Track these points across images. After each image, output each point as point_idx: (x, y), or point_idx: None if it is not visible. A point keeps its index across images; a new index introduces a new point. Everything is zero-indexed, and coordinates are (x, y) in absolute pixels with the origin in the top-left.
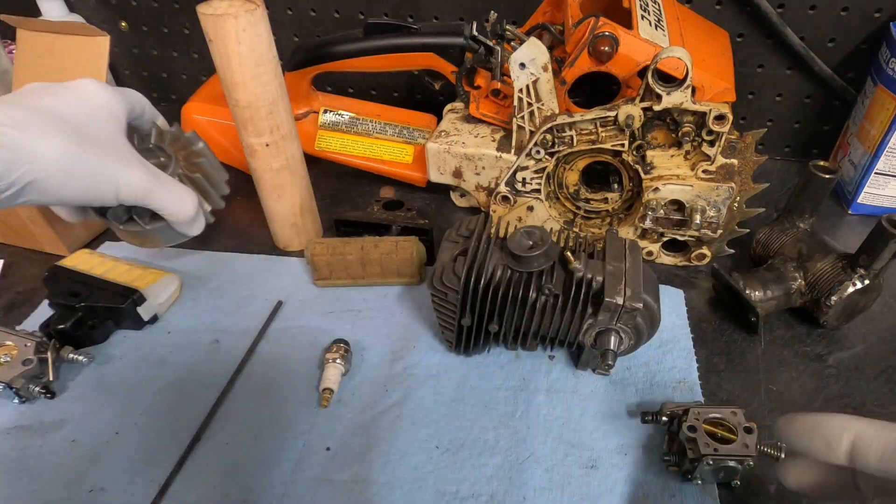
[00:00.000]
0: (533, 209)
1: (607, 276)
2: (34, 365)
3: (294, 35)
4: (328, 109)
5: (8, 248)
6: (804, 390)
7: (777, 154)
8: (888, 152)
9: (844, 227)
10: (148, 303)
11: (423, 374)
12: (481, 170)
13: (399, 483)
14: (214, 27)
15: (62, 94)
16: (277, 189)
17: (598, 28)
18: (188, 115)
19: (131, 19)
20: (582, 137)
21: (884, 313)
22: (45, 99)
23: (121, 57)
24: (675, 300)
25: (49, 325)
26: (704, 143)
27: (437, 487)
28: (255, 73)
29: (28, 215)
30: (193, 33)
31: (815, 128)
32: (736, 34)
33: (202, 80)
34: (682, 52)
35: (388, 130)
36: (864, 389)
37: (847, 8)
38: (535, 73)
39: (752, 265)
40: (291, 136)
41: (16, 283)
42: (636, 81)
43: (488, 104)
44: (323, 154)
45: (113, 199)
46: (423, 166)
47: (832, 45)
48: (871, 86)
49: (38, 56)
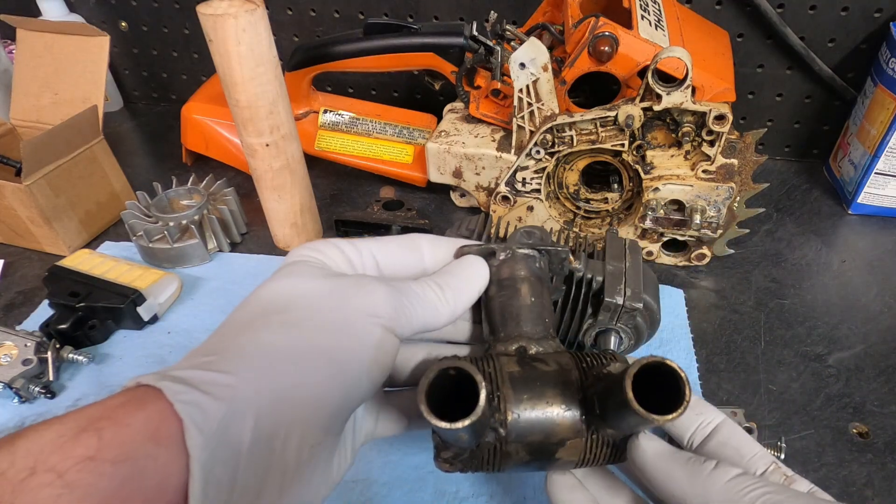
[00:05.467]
0: (533, 209)
1: (607, 276)
2: (34, 365)
3: (294, 35)
4: (328, 109)
5: (8, 248)
6: (804, 390)
7: (777, 154)
8: (888, 152)
9: (844, 227)
10: (148, 303)
11: None
12: (481, 170)
13: (399, 483)
14: (214, 27)
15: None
16: (277, 189)
17: (598, 28)
18: (188, 115)
19: (131, 19)
20: (582, 137)
21: (884, 313)
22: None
23: (121, 57)
24: (675, 300)
25: (49, 325)
26: (704, 143)
27: (437, 487)
28: (254, 73)
29: (28, 215)
30: (193, 33)
31: (815, 128)
32: (736, 34)
33: (202, 80)
34: (682, 52)
35: (388, 130)
36: (864, 389)
37: (847, 8)
38: (535, 73)
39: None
40: (291, 136)
41: (16, 283)
42: (636, 81)
43: (488, 104)
44: (323, 154)
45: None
46: (423, 166)
47: (832, 45)
48: (871, 86)
49: (38, 56)
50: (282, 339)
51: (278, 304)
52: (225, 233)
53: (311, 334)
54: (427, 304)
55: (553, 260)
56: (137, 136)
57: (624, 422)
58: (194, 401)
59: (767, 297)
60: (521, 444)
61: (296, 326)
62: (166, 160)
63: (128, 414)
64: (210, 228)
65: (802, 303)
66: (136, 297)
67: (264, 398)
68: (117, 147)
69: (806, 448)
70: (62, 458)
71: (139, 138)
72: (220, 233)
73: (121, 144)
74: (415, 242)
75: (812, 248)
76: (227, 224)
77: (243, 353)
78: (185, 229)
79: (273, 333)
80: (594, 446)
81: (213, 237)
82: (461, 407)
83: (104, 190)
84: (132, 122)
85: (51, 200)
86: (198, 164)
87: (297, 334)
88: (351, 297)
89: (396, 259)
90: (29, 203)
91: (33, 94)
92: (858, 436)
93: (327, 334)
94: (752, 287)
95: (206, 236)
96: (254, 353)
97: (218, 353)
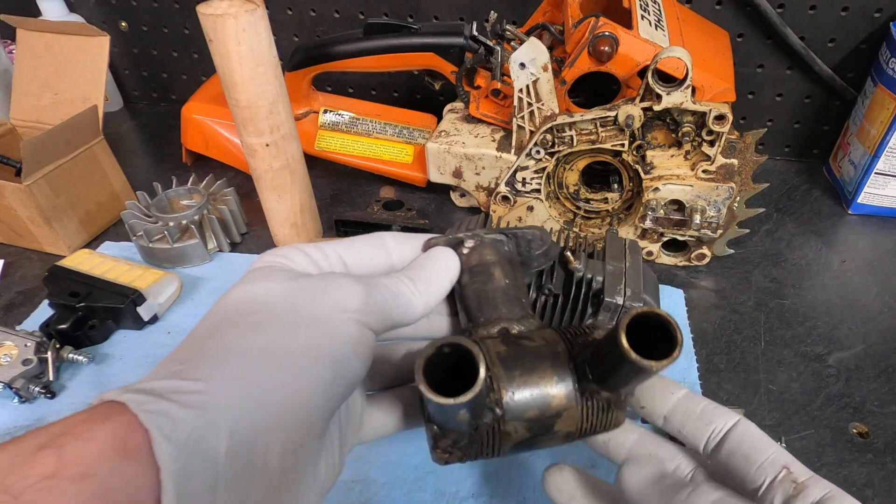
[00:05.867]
0: (533, 209)
1: (607, 276)
2: (34, 365)
3: (294, 35)
4: (328, 109)
5: (8, 248)
6: (804, 390)
7: (777, 154)
8: (888, 152)
9: (844, 227)
10: (148, 303)
11: None
12: (481, 170)
13: (399, 483)
14: (214, 27)
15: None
16: (277, 189)
17: (598, 28)
18: (188, 115)
19: (131, 19)
20: (582, 137)
21: (884, 313)
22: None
23: (121, 57)
24: (675, 300)
25: (49, 325)
26: (704, 143)
27: (437, 487)
28: (254, 73)
29: (28, 215)
30: (193, 33)
31: (815, 128)
32: (736, 34)
33: (202, 80)
34: (682, 52)
35: (388, 130)
36: (864, 389)
37: (847, 8)
38: (535, 73)
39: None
40: (291, 136)
41: (16, 283)
42: (636, 81)
43: (488, 104)
44: (323, 154)
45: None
46: (423, 166)
47: (832, 45)
48: (871, 86)
49: (38, 56)
50: (252, 342)
51: (246, 307)
52: (225, 233)
53: (283, 334)
54: (399, 296)
55: (521, 243)
56: (137, 136)
57: (620, 378)
58: (161, 410)
59: (767, 297)
60: (518, 421)
61: (266, 328)
62: (166, 160)
63: (91, 429)
64: (210, 228)
65: (802, 303)
66: (136, 297)
67: (238, 403)
68: (117, 147)
69: (806, 448)
70: (19, 479)
71: (139, 138)
72: (220, 233)
73: (121, 144)
74: (381, 240)
75: (812, 248)
76: (227, 224)
77: (213, 359)
78: (185, 229)
79: (243, 337)
80: (590, 413)
81: (213, 237)
82: (458, 387)
83: (104, 190)
84: (132, 122)
85: (51, 200)
86: (198, 164)
87: (267, 335)
88: (320, 294)
89: (363, 257)
90: (29, 203)
91: (33, 94)
92: (858, 436)
93: (299, 333)
94: (752, 287)
95: (206, 236)
96: (224, 358)
97: (186, 361)
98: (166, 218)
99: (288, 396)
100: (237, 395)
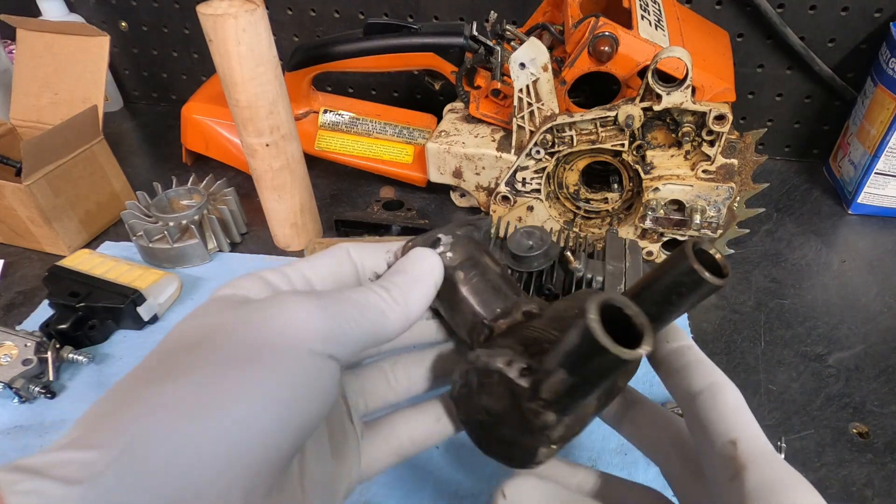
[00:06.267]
0: (533, 209)
1: (607, 276)
2: (34, 365)
3: (294, 35)
4: (328, 109)
5: (8, 248)
6: (804, 390)
7: (777, 154)
8: (888, 152)
9: (844, 227)
10: (148, 303)
11: None
12: (481, 170)
13: (399, 483)
14: (214, 27)
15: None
16: (277, 189)
17: (598, 28)
18: (188, 115)
19: (131, 19)
20: (582, 137)
21: (884, 313)
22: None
23: (121, 57)
24: None
25: (49, 325)
26: (704, 143)
27: (437, 487)
28: (254, 73)
29: (28, 215)
30: (193, 33)
31: (815, 128)
32: (736, 34)
33: (202, 80)
34: (682, 52)
35: (388, 130)
36: (864, 389)
37: (847, 8)
38: (535, 73)
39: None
40: (291, 136)
41: (16, 283)
42: (636, 81)
43: (488, 104)
44: (323, 154)
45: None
46: (423, 166)
47: (832, 45)
48: (871, 86)
49: (38, 56)
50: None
51: (175, 347)
52: (225, 233)
53: (211, 378)
54: (369, 309)
55: (481, 230)
56: (137, 136)
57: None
58: (35, 489)
59: (767, 297)
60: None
61: (193, 371)
62: (166, 160)
63: None
64: (210, 228)
65: (802, 303)
66: (136, 297)
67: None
68: (117, 147)
69: (806, 448)
70: None
71: (139, 138)
72: (220, 233)
73: (121, 144)
74: (342, 250)
75: (812, 248)
76: (227, 224)
77: (120, 419)
78: (185, 229)
79: (162, 385)
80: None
81: (213, 237)
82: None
83: (104, 190)
84: (132, 122)
85: (51, 200)
86: (198, 164)
87: (193, 381)
88: (266, 322)
89: (329, 272)
90: (29, 203)
91: (33, 94)
92: (858, 436)
93: (230, 376)
94: (752, 287)
95: (206, 236)
96: (135, 417)
97: (91, 425)
98: (166, 218)
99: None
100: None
